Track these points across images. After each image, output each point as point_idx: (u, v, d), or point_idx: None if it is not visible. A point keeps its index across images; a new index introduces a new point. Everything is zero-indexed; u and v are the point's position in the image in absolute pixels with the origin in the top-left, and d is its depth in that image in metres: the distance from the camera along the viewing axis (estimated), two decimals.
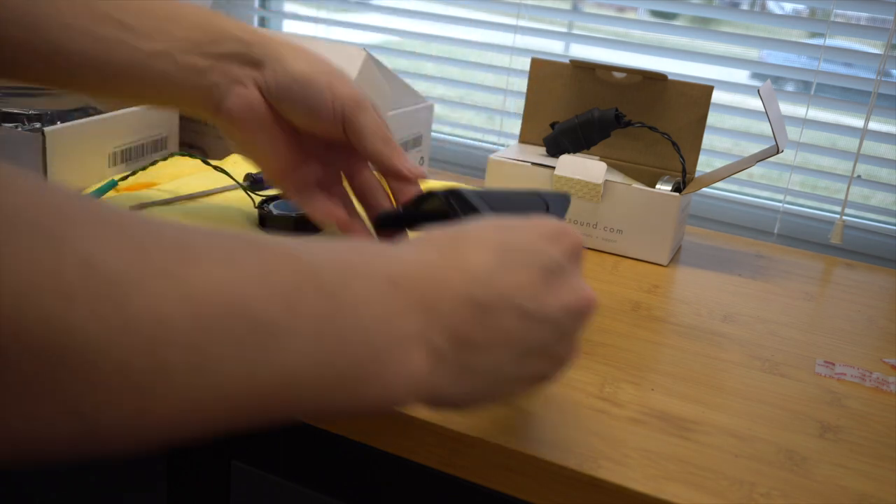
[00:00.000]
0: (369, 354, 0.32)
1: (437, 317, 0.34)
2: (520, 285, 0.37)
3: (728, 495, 0.45)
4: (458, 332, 0.35)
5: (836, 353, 0.65)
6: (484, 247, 0.37)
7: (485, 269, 0.36)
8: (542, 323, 0.37)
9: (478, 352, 0.36)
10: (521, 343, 0.37)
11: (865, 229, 1.01)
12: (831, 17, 0.97)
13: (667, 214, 0.79)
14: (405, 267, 0.35)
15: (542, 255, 0.38)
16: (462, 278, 0.36)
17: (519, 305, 0.36)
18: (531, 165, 0.83)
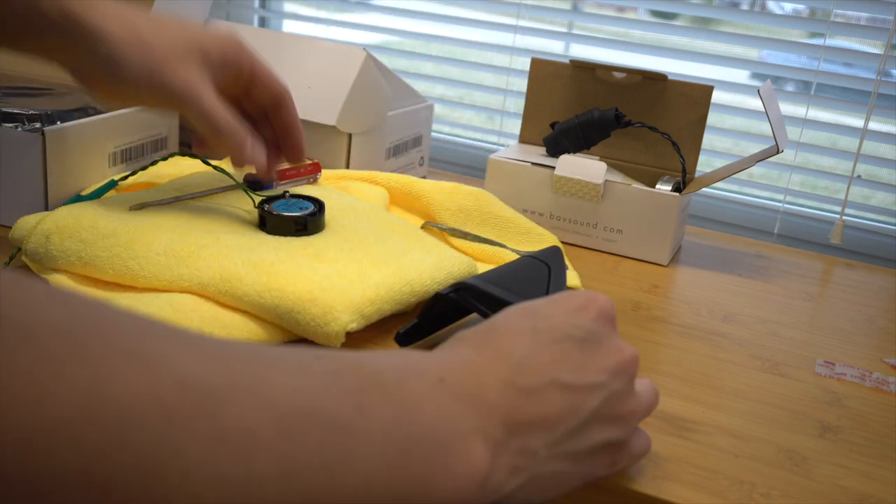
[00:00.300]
0: (436, 449, 0.33)
1: (486, 408, 0.35)
2: (556, 361, 0.38)
3: (728, 495, 0.45)
4: (509, 419, 0.35)
5: (836, 353, 0.65)
6: (517, 335, 0.38)
7: (520, 354, 0.37)
8: (588, 391, 0.38)
9: (533, 434, 0.36)
10: (573, 416, 0.37)
11: (865, 229, 1.01)
12: (831, 17, 0.97)
13: (667, 214, 0.79)
14: (448, 364, 0.36)
15: (573, 328, 0.39)
16: (502, 367, 0.37)
17: (559, 379, 0.37)
18: (531, 165, 0.83)
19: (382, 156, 0.91)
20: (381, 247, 0.61)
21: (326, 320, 0.52)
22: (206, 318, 0.53)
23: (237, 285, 0.55)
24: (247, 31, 0.91)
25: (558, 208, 0.82)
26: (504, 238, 0.76)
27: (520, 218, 0.77)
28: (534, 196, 0.83)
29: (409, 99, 0.94)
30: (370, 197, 0.76)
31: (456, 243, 0.73)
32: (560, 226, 0.83)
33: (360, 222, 0.67)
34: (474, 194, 0.77)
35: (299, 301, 0.53)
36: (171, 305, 0.54)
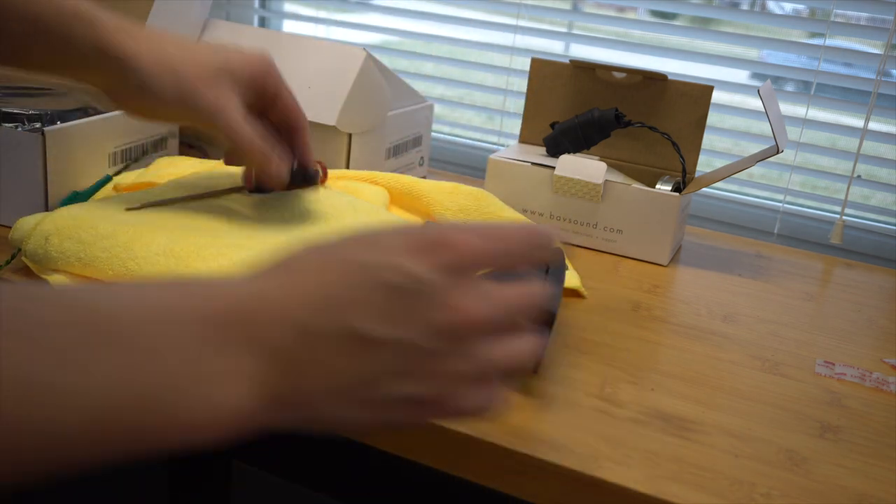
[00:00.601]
0: (172, 397, 0.32)
1: (259, 349, 0.34)
2: (357, 304, 0.34)
3: (728, 495, 0.45)
4: (285, 362, 0.34)
5: (836, 353, 0.65)
6: (340, 268, 0.35)
7: (322, 293, 0.35)
8: (385, 346, 0.35)
9: (311, 380, 0.35)
10: (363, 366, 0.35)
11: (865, 229, 1.01)
12: (831, 17, 0.97)
13: (667, 214, 0.79)
14: (225, 302, 0.34)
15: (395, 273, 0.35)
16: (298, 303, 0.35)
17: (352, 326, 0.34)
18: (531, 165, 0.83)
19: (382, 156, 0.91)
20: None
21: None
22: None
23: None
24: (247, 31, 0.91)
25: (558, 208, 0.82)
26: None
27: (520, 218, 0.77)
28: (534, 196, 0.83)
29: (409, 99, 0.94)
30: (370, 197, 0.76)
31: None
32: (560, 226, 0.83)
33: (360, 222, 0.67)
34: (474, 194, 0.77)
35: None
36: None
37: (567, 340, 0.61)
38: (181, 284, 0.35)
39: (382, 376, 0.35)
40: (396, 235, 0.37)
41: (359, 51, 0.84)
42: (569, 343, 0.61)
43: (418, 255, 0.35)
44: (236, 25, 0.92)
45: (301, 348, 0.34)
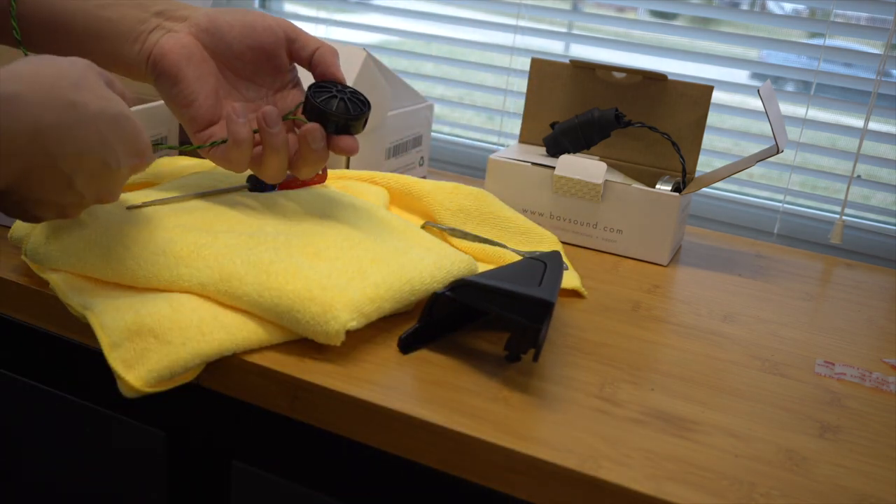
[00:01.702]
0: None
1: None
2: (83, 139, 0.48)
3: (728, 495, 0.45)
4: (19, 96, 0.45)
5: (836, 353, 0.65)
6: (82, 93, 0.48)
7: (66, 101, 0.47)
8: (70, 185, 0.49)
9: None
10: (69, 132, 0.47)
11: (865, 229, 1.01)
12: (831, 17, 0.97)
13: (667, 214, 0.79)
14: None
15: (111, 153, 0.50)
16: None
17: (74, 101, 0.48)
18: (531, 165, 0.83)
19: (382, 156, 0.91)
20: (382, 246, 0.61)
21: (326, 318, 0.52)
22: (206, 317, 0.53)
23: (236, 285, 0.55)
24: None
25: (558, 208, 0.82)
26: (504, 238, 0.76)
27: (520, 218, 0.77)
28: (534, 196, 0.83)
29: (409, 99, 0.94)
30: (370, 197, 0.76)
31: (456, 243, 0.73)
32: (560, 226, 0.83)
33: (360, 221, 0.67)
34: (474, 194, 0.77)
35: (299, 299, 0.53)
36: (170, 305, 0.54)
37: (567, 340, 0.61)
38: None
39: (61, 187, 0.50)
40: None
41: (359, 51, 0.84)
42: (569, 343, 0.61)
43: (130, 154, 0.52)
44: None
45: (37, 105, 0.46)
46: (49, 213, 0.52)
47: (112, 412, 0.63)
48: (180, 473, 0.62)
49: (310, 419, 0.52)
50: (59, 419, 0.66)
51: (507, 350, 0.56)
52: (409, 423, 0.49)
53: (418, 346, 0.57)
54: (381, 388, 0.51)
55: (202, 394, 0.56)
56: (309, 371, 0.52)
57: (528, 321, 0.52)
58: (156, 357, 0.50)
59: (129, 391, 0.50)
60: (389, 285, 0.57)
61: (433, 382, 0.53)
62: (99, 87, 0.50)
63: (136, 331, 0.52)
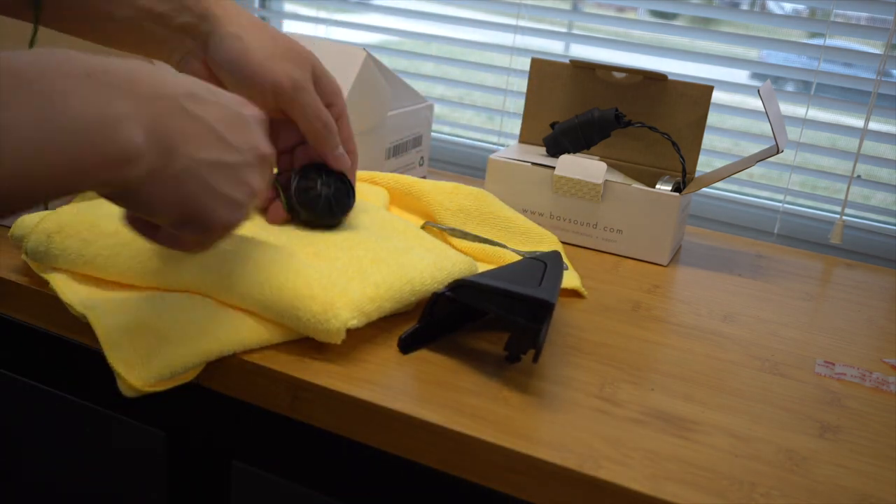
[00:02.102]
0: (89, 130, 0.38)
1: (139, 102, 0.40)
2: (217, 113, 0.45)
3: (728, 495, 0.45)
4: (161, 118, 0.41)
5: (836, 353, 0.65)
6: (191, 80, 0.45)
7: (190, 90, 0.44)
8: (232, 149, 0.45)
9: (178, 139, 0.42)
10: (213, 153, 0.44)
11: (865, 229, 1.01)
12: (831, 17, 0.97)
13: (667, 214, 0.79)
14: (102, 65, 0.40)
15: (235, 104, 0.47)
16: (171, 87, 0.43)
17: (215, 128, 0.44)
18: (531, 165, 0.83)
19: (382, 156, 0.91)
20: (382, 246, 0.61)
21: (327, 317, 0.52)
22: (206, 317, 0.53)
23: (238, 283, 0.55)
24: None
25: (558, 208, 0.82)
26: (504, 238, 0.76)
27: (520, 218, 0.77)
28: (534, 196, 0.83)
29: (409, 99, 0.94)
30: (370, 197, 0.76)
31: (456, 243, 0.73)
32: (560, 226, 0.83)
33: (360, 221, 0.67)
34: (474, 194, 0.77)
35: (299, 298, 0.53)
36: (170, 305, 0.54)
37: (567, 340, 0.61)
38: (63, 51, 0.39)
39: (224, 168, 0.45)
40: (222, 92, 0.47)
41: (359, 51, 0.84)
42: (569, 343, 0.61)
43: (242, 103, 0.48)
44: None
45: (170, 114, 0.42)
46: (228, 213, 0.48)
47: (112, 412, 0.63)
48: (180, 473, 0.62)
49: (310, 419, 0.52)
50: (59, 419, 0.66)
51: (507, 350, 0.56)
52: (409, 423, 0.49)
53: (418, 346, 0.57)
54: (381, 388, 0.51)
55: (202, 394, 0.56)
56: (309, 371, 0.52)
57: (528, 322, 0.52)
58: (156, 357, 0.50)
59: (129, 391, 0.50)
60: (390, 285, 0.57)
61: (433, 382, 0.53)
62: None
63: (136, 330, 0.52)
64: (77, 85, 0.38)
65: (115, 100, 0.39)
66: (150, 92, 0.41)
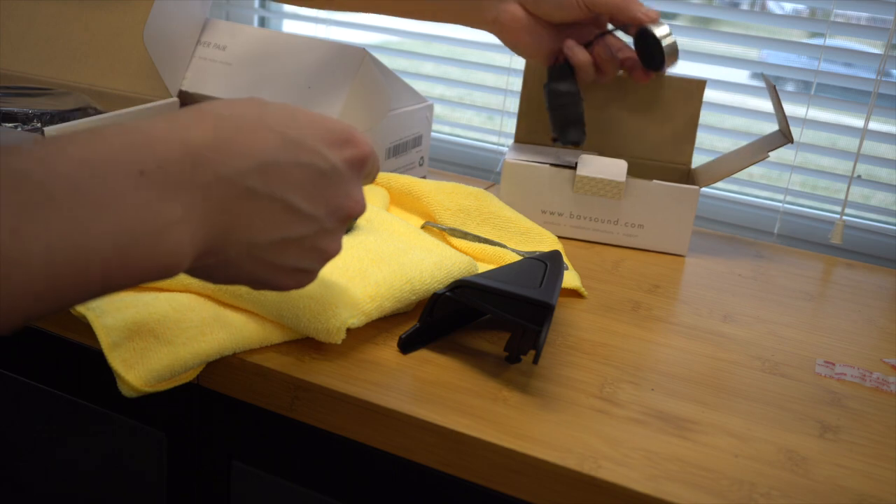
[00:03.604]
0: (133, 241, 0.34)
1: (196, 196, 0.36)
2: (292, 181, 0.40)
3: (728, 495, 0.45)
4: (220, 210, 0.38)
5: (836, 353, 0.65)
6: (268, 136, 0.39)
7: (263, 160, 0.39)
8: (305, 219, 0.41)
9: (238, 231, 0.39)
10: (280, 232, 0.40)
11: (865, 229, 1.01)
12: (831, 17, 0.97)
13: (687, 207, 0.81)
14: (162, 155, 0.35)
15: (321, 159, 0.41)
16: (234, 161, 0.38)
17: (286, 199, 0.40)
18: (550, 167, 0.83)
19: (382, 156, 0.91)
20: (382, 246, 0.61)
21: (326, 316, 0.52)
22: (206, 317, 0.53)
23: None
24: (247, 31, 0.91)
25: (578, 207, 0.83)
26: (504, 238, 0.76)
27: (520, 218, 0.77)
28: (553, 196, 0.83)
29: (409, 99, 0.94)
30: (370, 197, 0.76)
31: (456, 243, 0.73)
32: (580, 224, 0.83)
33: (360, 222, 0.67)
34: (474, 194, 0.77)
35: (299, 297, 0.53)
36: (170, 305, 0.54)
37: (567, 340, 0.61)
38: (114, 136, 0.35)
39: (291, 244, 0.41)
40: (313, 120, 0.42)
41: (359, 51, 0.84)
42: (569, 343, 0.61)
43: (334, 147, 0.42)
44: (236, 25, 0.92)
45: (232, 202, 0.38)
46: (298, 258, 0.43)
47: (112, 412, 0.63)
48: (180, 473, 0.62)
49: (310, 419, 0.53)
50: (59, 419, 0.66)
51: (507, 351, 0.56)
52: (409, 423, 0.49)
53: (418, 346, 0.57)
54: (381, 388, 0.51)
55: (202, 394, 0.56)
56: (309, 371, 0.52)
57: (528, 323, 0.52)
58: (156, 357, 0.50)
59: (129, 391, 0.50)
60: (390, 284, 0.57)
61: (433, 382, 0.53)
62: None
63: (136, 330, 0.52)
64: (129, 188, 0.34)
65: (168, 202, 0.35)
66: (212, 178, 0.37)
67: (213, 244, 0.38)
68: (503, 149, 1.19)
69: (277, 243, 0.41)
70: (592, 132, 0.86)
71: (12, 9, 0.88)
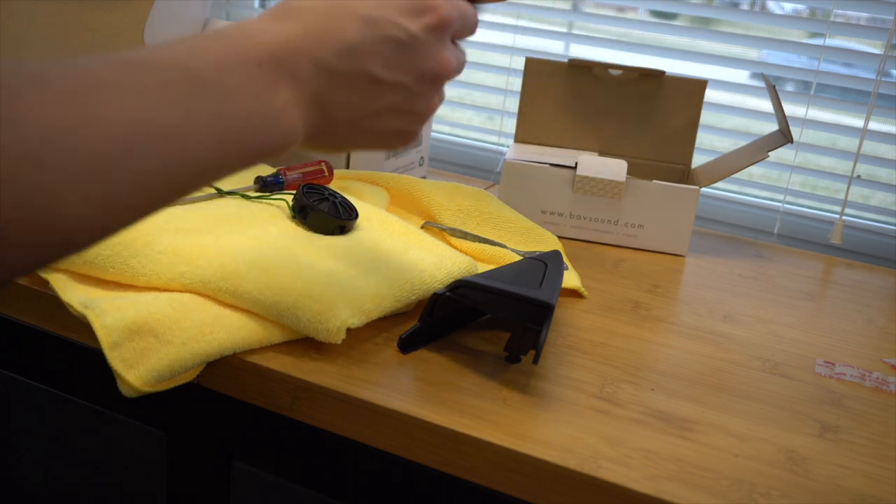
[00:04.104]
0: (256, 129, 0.39)
1: (299, 83, 0.41)
2: (374, 54, 0.43)
3: (728, 495, 0.45)
4: (318, 95, 0.42)
5: (836, 353, 0.65)
6: (349, 19, 0.43)
7: (345, 42, 0.42)
8: (393, 87, 0.44)
9: (336, 109, 0.43)
10: (373, 103, 0.44)
11: (865, 229, 1.01)
12: (831, 17, 0.97)
13: (687, 207, 0.81)
14: (268, 48, 0.40)
15: (400, 31, 0.44)
16: (323, 50, 0.42)
17: (370, 71, 0.43)
18: (550, 167, 0.83)
19: (382, 156, 0.91)
20: (382, 246, 0.61)
21: (327, 316, 0.52)
22: (207, 317, 0.53)
23: (238, 283, 0.55)
24: None
25: (578, 207, 0.83)
26: (504, 238, 0.76)
27: (520, 218, 0.77)
28: (553, 196, 0.83)
29: None
30: (370, 197, 0.76)
31: (456, 243, 0.73)
32: (581, 224, 0.83)
33: (360, 222, 0.67)
34: (474, 194, 0.77)
35: (300, 298, 0.53)
36: (170, 305, 0.54)
37: (567, 340, 0.61)
38: (230, 36, 0.40)
39: (385, 111, 0.45)
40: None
41: None
42: (569, 343, 0.61)
43: (411, 16, 0.44)
44: None
45: (329, 86, 0.42)
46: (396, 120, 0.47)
47: (112, 412, 0.63)
48: (180, 473, 0.62)
49: (310, 419, 0.53)
50: (59, 419, 0.66)
51: (507, 351, 0.56)
52: (409, 423, 0.49)
53: (418, 346, 0.57)
54: (381, 388, 0.51)
55: (202, 394, 0.56)
56: (309, 371, 0.52)
57: (528, 323, 0.52)
58: (156, 357, 0.50)
59: (129, 391, 0.50)
60: (390, 284, 0.57)
61: (433, 382, 0.53)
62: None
63: (136, 330, 0.52)
64: (247, 79, 0.39)
65: (282, 89, 0.40)
66: (312, 69, 0.41)
67: (320, 122, 0.43)
68: (503, 149, 1.19)
69: (373, 113, 0.45)
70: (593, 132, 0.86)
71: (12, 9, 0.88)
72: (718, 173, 0.82)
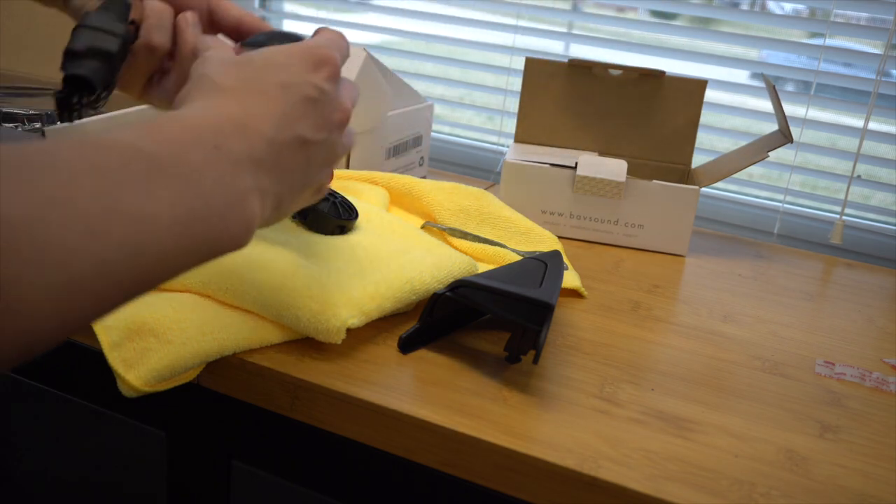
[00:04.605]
0: (217, 216, 0.38)
1: (256, 165, 0.41)
2: (300, 118, 0.44)
3: (728, 495, 0.45)
4: (271, 172, 0.42)
5: (836, 353, 0.65)
6: (272, 92, 0.43)
7: (279, 112, 0.43)
8: (320, 145, 0.46)
9: (283, 180, 0.43)
10: (307, 165, 0.45)
11: (865, 229, 1.01)
12: (831, 17, 0.97)
13: (687, 207, 0.81)
14: (220, 127, 0.40)
15: (312, 88, 0.45)
16: (266, 126, 0.42)
17: (302, 136, 0.44)
18: (550, 167, 0.83)
19: (382, 156, 0.91)
20: (382, 246, 0.61)
21: (326, 316, 0.52)
22: (207, 317, 0.53)
23: (237, 283, 0.55)
24: None
25: (578, 207, 0.83)
26: (504, 238, 0.76)
27: (520, 218, 0.77)
28: (553, 196, 0.83)
29: (409, 99, 0.94)
30: (370, 197, 0.76)
31: (456, 243, 0.73)
32: (581, 224, 0.83)
33: (359, 222, 0.67)
34: (474, 194, 0.77)
35: (299, 297, 0.53)
36: (170, 305, 0.54)
37: (567, 340, 0.61)
38: (173, 119, 0.39)
39: (316, 168, 0.46)
40: (291, 55, 0.46)
41: (359, 51, 0.84)
42: (569, 343, 0.61)
43: (314, 71, 0.46)
44: None
45: (275, 159, 0.42)
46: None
47: (112, 412, 0.63)
48: (180, 473, 0.62)
49: (310, 419, 0.52)
50: (59, 419, 0.66)
51: (507, 351, 0.56)
52: (409, 423, 0.49)
53: (418, 346, 0.57)
54: (381, 388, 0.51)
55: (202, 394, 0.56)
56: (309, 371, 0.52)
57: (528, 323, 0.52)
58: (156, 357, 0.50)
59: (129, 391, 0.50)
60: (390, 284, 0.57)
61: (433, 382, 0.53)
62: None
63: (136, 330, 0.52)
64: (208, 162, 0.38)
65: (242, 174, 0.39)
66: (264, 146, 0.41)
67: (273, 200, 0.43)
68: (503, 149, 1.19)
69: (309, 174, 0.46)
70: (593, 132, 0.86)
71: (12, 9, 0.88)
72: (718, 173, 0.82)
